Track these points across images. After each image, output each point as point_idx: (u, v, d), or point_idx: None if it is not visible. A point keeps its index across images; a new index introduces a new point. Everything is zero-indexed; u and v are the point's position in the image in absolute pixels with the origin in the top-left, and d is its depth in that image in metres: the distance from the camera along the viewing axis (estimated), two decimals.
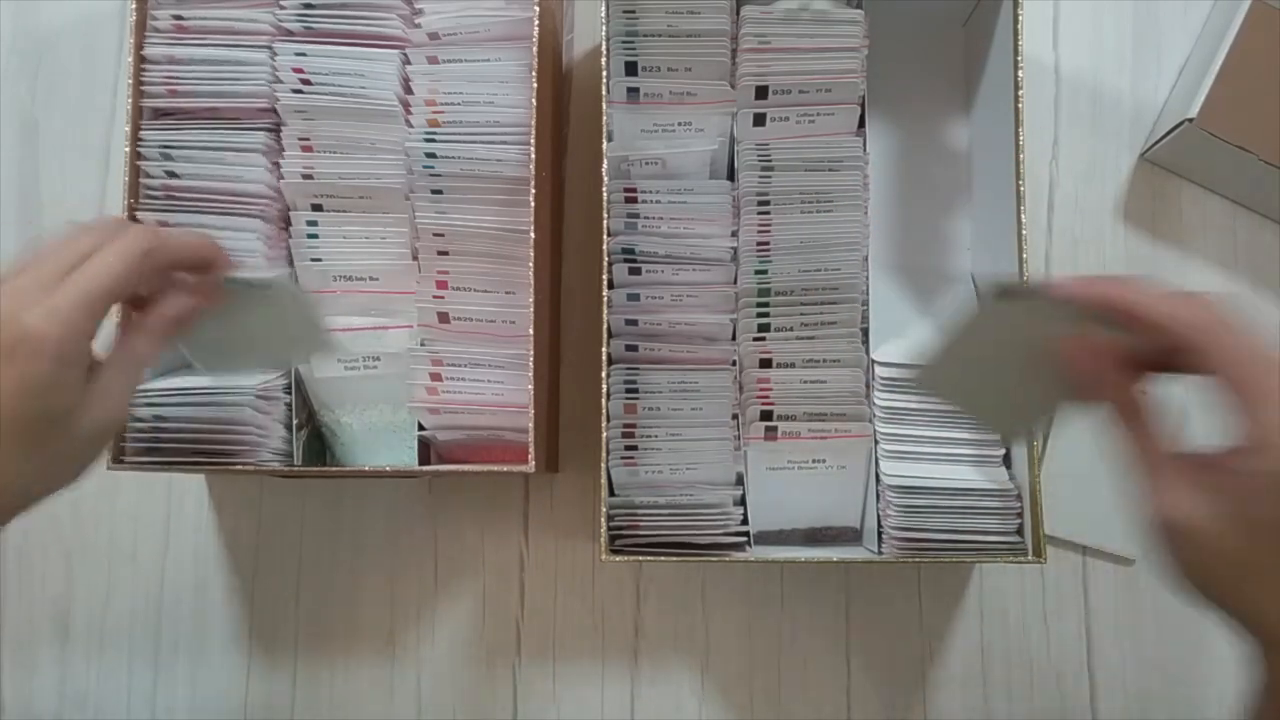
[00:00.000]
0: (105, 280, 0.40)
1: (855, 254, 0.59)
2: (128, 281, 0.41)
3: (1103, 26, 0.71)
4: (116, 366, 0.43)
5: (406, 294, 0.60)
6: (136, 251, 0.41)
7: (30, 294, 0.39)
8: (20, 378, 0.38)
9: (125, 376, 0.43)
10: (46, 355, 0.38)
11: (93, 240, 0.41)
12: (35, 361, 0.38)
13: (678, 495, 0.58)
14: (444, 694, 0.67)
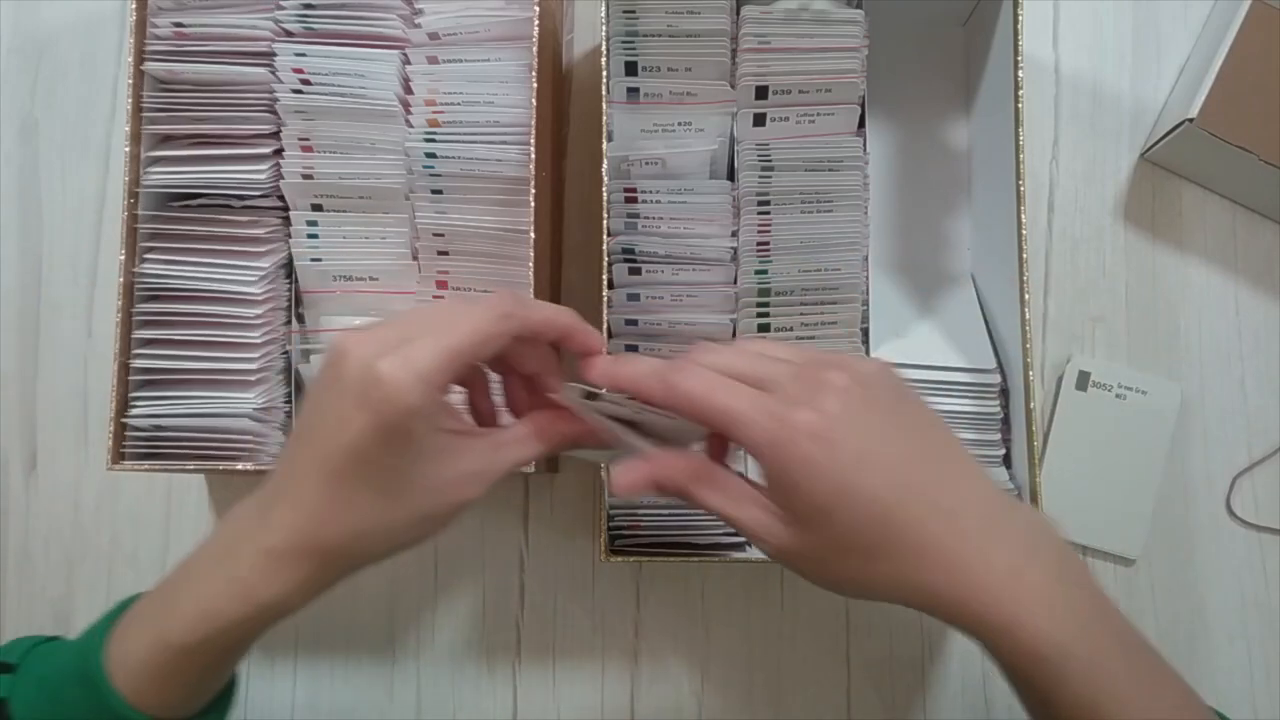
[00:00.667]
0: (462, 337, 0.38)
1: (855, 254, 0.59)
2: (485, 342, 0.39)
3: (1103, 26, 0.71)
4: (491, 449, 0.42)
5: (406, 294, 0.60)
6: (495, 314, 0.40)
7: (385, 343, 0.38)
8: (369, 422, 0.37)
9: (496, 463, 0.41)
10: (395, 403, 0.37)
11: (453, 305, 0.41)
12: (383, 408, 0.37)
13: None
14: (444, 694, 0.67)
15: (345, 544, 0.39)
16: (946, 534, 0.39)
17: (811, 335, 0.59)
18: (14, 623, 0.68)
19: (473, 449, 0.41)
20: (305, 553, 0.39)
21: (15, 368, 0.69)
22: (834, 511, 0.38)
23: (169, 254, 0.58)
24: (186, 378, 0.58)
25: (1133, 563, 0.67)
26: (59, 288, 0.70)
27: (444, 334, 0.38)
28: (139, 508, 0.68)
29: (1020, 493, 0.57)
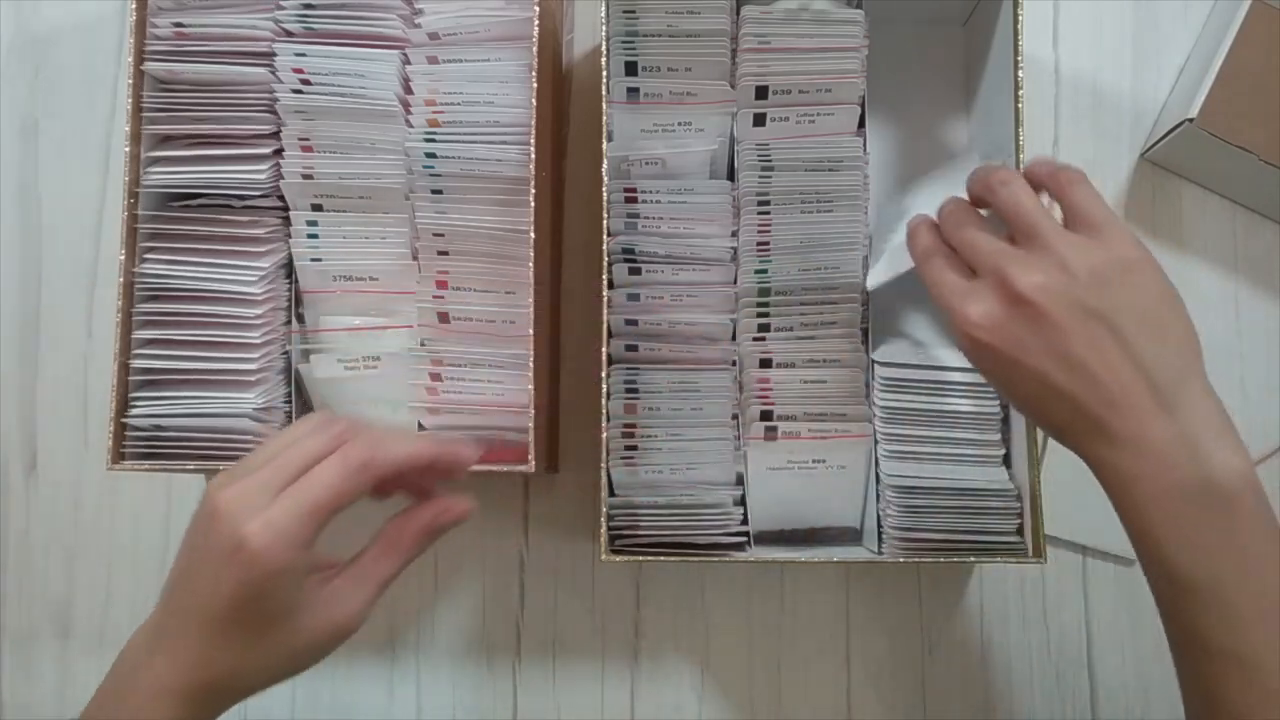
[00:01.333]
0: (323, 495, 0.41)
1: (855, 254, 0.59)
2: (346, 496, 0.42)
3: (1103, 26, 0.71)
4: (356, 578, 0.44)
5: (406, 294, 0.60)
6: (354, 465, 0.42)
7: (252, 500, 0.41)
8: (239, 582, 0.40)
9: (362, 589, 0.44)
10: (261, 565, 0.40)
11: (317, 446, 0.42)
12: (251, 569, 0.40)
13: (678, 495, 0.58)
14: (444, 694, 0.67)
15: (226, 682, 0.42)
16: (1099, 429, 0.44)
17: (811, 335, 0.59)
18: (14, 623, 0.68)
19: (339, 587, 0.44)
20: (188, 692, 0.42)
21: (15, 368, 0.69)
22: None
23: (169, 254, 0.58)
24: (186, 378, 0.58)
25: (1133, 563, 0.66)
26: (59, 288, 0.70)
27: (304, 493, 0.41)
28: (139, 508, 0.68)
29: (1020, 493, 0.57)
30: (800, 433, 0.59)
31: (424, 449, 0.45)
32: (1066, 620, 0.67)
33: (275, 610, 0.42)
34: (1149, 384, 0.42)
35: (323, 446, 0.43)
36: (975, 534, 0.57)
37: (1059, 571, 0.67)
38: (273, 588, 0.41)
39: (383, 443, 0.43)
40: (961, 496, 0.57)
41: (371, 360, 0.60)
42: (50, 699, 0.68)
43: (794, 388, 0.59)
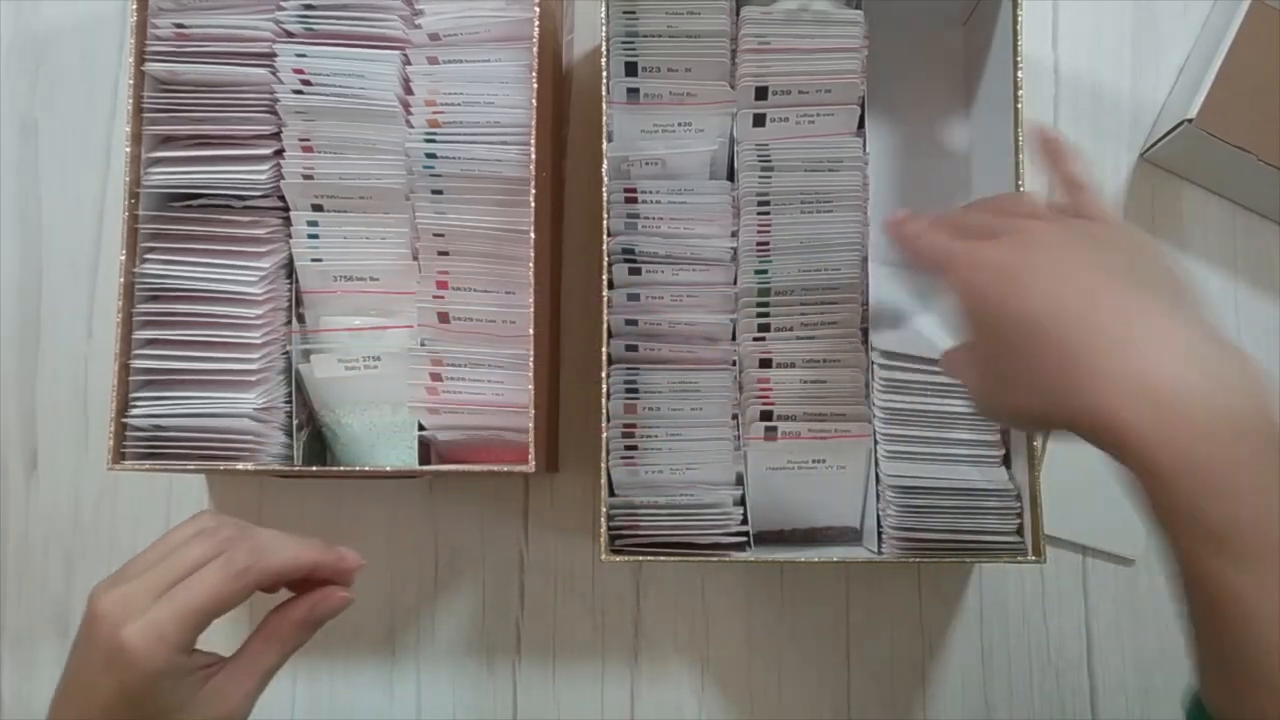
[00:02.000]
0: (204, 599, 0.41)
1: (855, 254, 0.59)
2: (226, 600, 0.42)
3: (1103, 26, 0.71)
4: (236, 673, 0.44)
5: (406, 294, 0.60)
6: (236, 570, 0.42)
7: (132, 604, 0.41)
8: (117, 685, 0.40)
9: (243, 682, 0.44)
10: (140, 668, 0.40)
11: (200, 551, 0.43)
12: (129, 671, 0.40)
13: (678, 495, 0.58)
14: (444, 694, 0.67)
15: None
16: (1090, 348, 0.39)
17: (811, 335, 0.59)
18: (14, 623, 0.68)
19: (220, 683, 0.43)
20: None
21: (15, 368, 0.69)
22: (985, 330, 0.43)
23: (169, 254, 0.58)
24: (187, 378, 0.58)
25: (1133, 563, 0.67)
26: (59, 288, 0.70)
27: (183, 596, 0.41)
28: (139, 508, 0.68)
29: (1020, 493, 0.57)
30: (800, 433, 0.59)
31: (305, 557, 0.45)
32: (1066, 620, 0.67)
33: (154, 713, 0.41)
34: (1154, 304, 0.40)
35: (205, 552, 0.43)
36: (975, 534, 0.57)
37: (1059, 571, 0.67)
38: (152, 690, 0.41)
39: (265, 550, 0.44)
40: (961, 496, 0.57)
41: (371, 360, 0.60)
42: (50, 699, 0.67)
43: (794, 388, 0.59)
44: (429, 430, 0.61)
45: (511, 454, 0.60)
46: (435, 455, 0.63)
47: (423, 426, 0.61)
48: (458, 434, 0.61)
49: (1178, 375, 0.37)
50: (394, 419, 0.61)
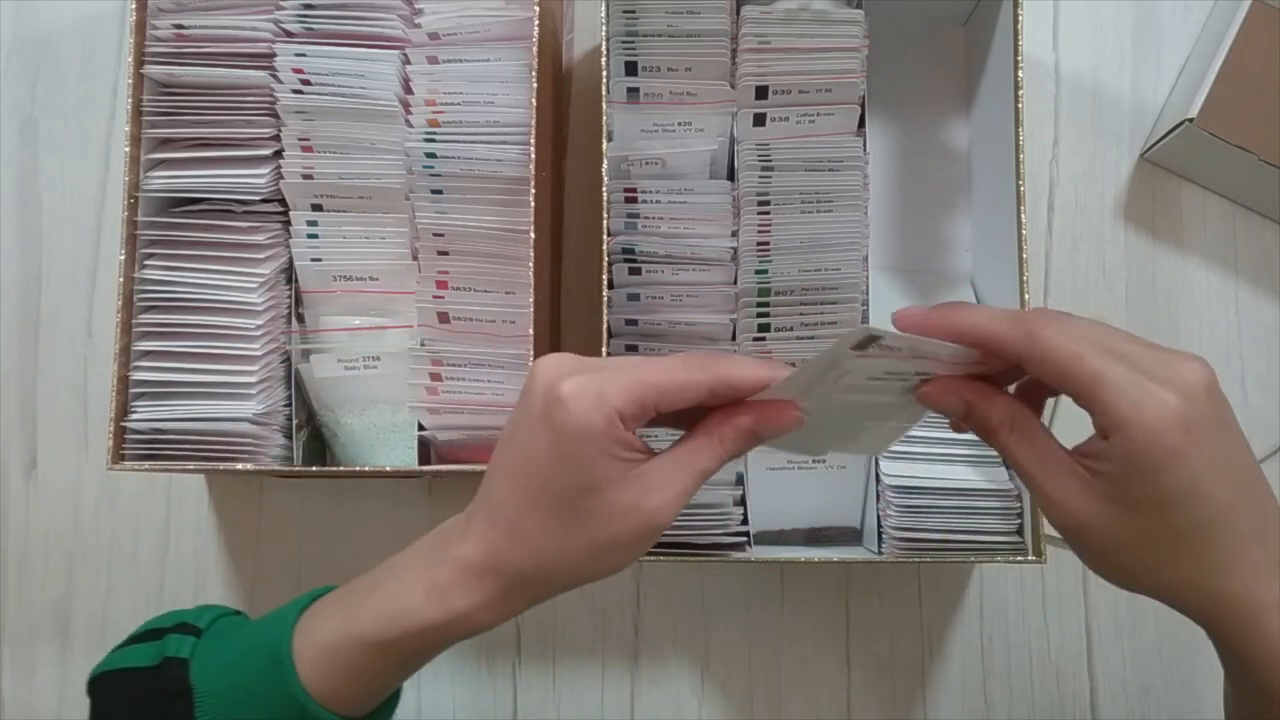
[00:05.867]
0: (654, 375, 0.38)
1: (855, 254, 0.59)
2: (680, 387, 0.39)
3: (1103, 26, 0.71)
4: (671, 464, 0.40)
5: (406, 294, 0.60)
6: (694, 363, 0.39)
7: (576, 368, 0.38)
8: (552, 438, 0.38)
9: (677, 478, 0.39)
10: (575, 423, 0.37)
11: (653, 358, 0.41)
12: (564, 425, 0.37)
13: None
14: (443, 694, 0.67)
15: (529, 570, 0.39)
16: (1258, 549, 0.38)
17: (811, 335, 0.59)
18: (14, 622, 0.68)
19: (654, 467, 0.39)
20: (494, 571, 0.39)
21: (15, 368, 0.69)
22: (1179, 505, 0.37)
23: (169, 260, 0.58)
24: (187, 390, 0.57)
25: None
26: (59, 288, 0.70)
27: (633, 366, 0.38)
28: (139, 508, 0.68)
29: (1020, 493, 0.57)
30: None
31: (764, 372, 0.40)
32: (1066, 620, 0.67)
33: (585, 479, 0.38)
34: None
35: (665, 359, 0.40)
36: (975, 534, 0.57)
37: (1059, 571, 0.67)
38: (584, 452, 0.37)
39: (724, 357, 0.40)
40: (961, 496, 0.57)
41: (371, 360, 0.60)
42: (50, 699, 0.68)
43: None
44: (429, 430, 0.61)
45: None
46: (435, 455, 0.63)
47: (423, 426, 0.61)
48: (458, 434, 0.61)
49: None
50: (394, 419, 0.61)
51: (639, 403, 0.38)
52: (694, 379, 0.39)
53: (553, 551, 0.39)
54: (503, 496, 0.40)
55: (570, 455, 0.38)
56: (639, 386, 0.38)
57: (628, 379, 0.38)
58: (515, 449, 0.40)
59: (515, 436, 0.40)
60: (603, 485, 0.38)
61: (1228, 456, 0.37)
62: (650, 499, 0.39)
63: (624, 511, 0.39)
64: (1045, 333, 0.37)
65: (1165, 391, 0.36)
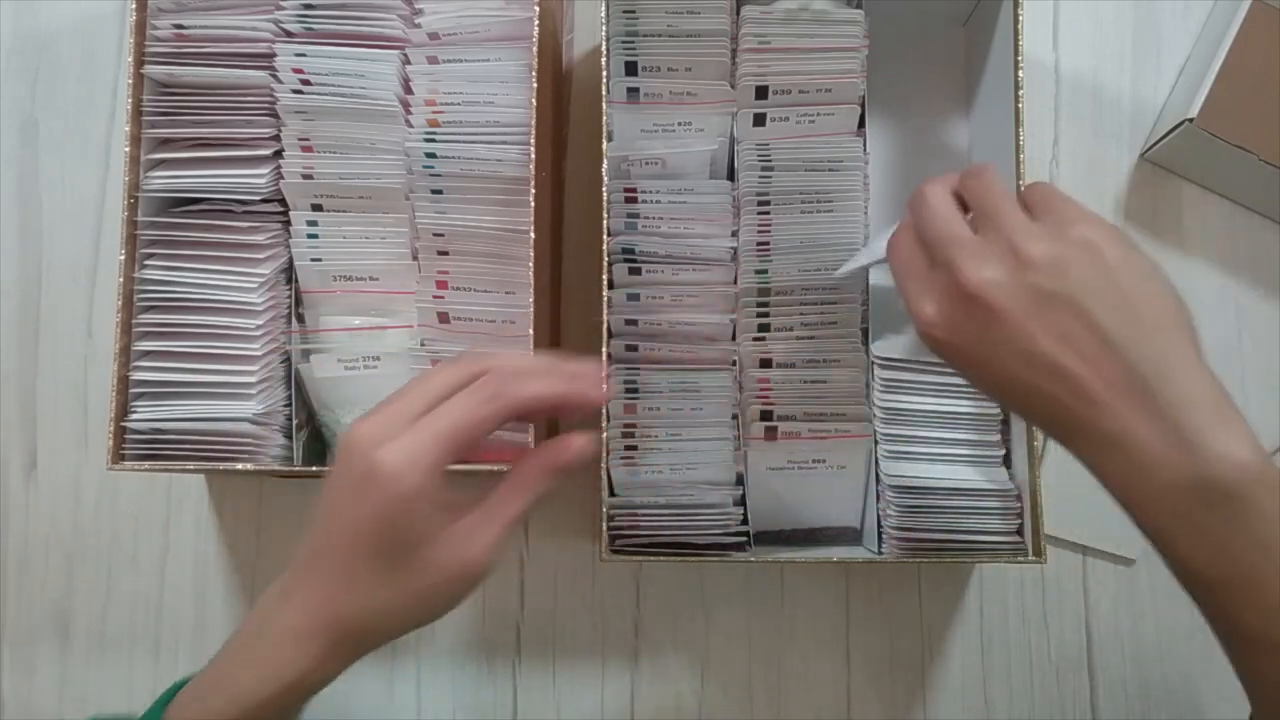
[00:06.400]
0: (455, 423, 0.41)
1: None
2: (479, 425, 0.41)
3: (1103, 26, 0.71)
4: (485, 514, 0.43)
5: (406, 294, 0.60)
6: (485, 396, 0.42)
7: (387, 429, 0.41)
8: (370, 507, 0.40)
9: (490, 528, 0.43)
10: (392, 490, 0.40)
11: (451, 379, 0.43)
12: (382, 493, 0.40)
13: (678, 495, 0.58)
14: (443, 694, 0.67)
15: (360, 621, 0.42)
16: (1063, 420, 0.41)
17: (811, 335, 0.59)
18: (14, 622, 0.68)
19: (467, 523, 0.43)
20: (323, 630, 0.42)
21: (15, 368, 0.69)
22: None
23: (169, 260, 0.58)
24: (187, 390, 0.57)
25: (1133, 563, 0.67)
26: (59, 288, 0.70)
27: (435, 420, 0.41)
28: (139, 508, 0.68)
29: (1020, 493, 0.57)
30: (800, 433, 0.59)
31: (553, 388, 0.43)
32: (1066, 620, 0.67)
33: (404, 540, 0.41)
34: (1126, 371, 0.39)
35: (457, 380, 0.42)
36: (975, 534, 0.57)
37: (1059, 571, 0.67)
38: (403, 514, 0.40)
39: (515, 378, 0.43)
40: (961, 496, 0.57)
41: (371, 360, 0.60)
42: (50, 699, 0.68)
43: (794, 388, 0.59)
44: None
45: (511, 454, 0.60)
46: None
47: None
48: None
49: None
50: None
51: (448, 455, 0.41)
52: (493, 411, 0.42)
53: (378, 607, 0.42)
54: (325, 560, 0.42)
55: (390, 518, 0.40)
56: (444, 439, 0.40)
57: (434, 435, 0.40)
58: (336, 516, 0.42)
59: (334, 503, 0.42)
60: (422, 542, 0.41)
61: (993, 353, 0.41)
62: (466, 551, 0.42)
63: (444, 564, 0.42)
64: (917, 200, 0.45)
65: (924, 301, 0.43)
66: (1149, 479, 0.39)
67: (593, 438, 0.45)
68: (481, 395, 0.42)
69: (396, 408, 0.41)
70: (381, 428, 0.41)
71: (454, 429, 0.41)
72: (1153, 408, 0.38)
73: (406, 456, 0.40)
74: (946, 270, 0.42)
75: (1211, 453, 0.37)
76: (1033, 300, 0.40)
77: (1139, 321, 0.39)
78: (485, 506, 0.43)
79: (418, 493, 0.40)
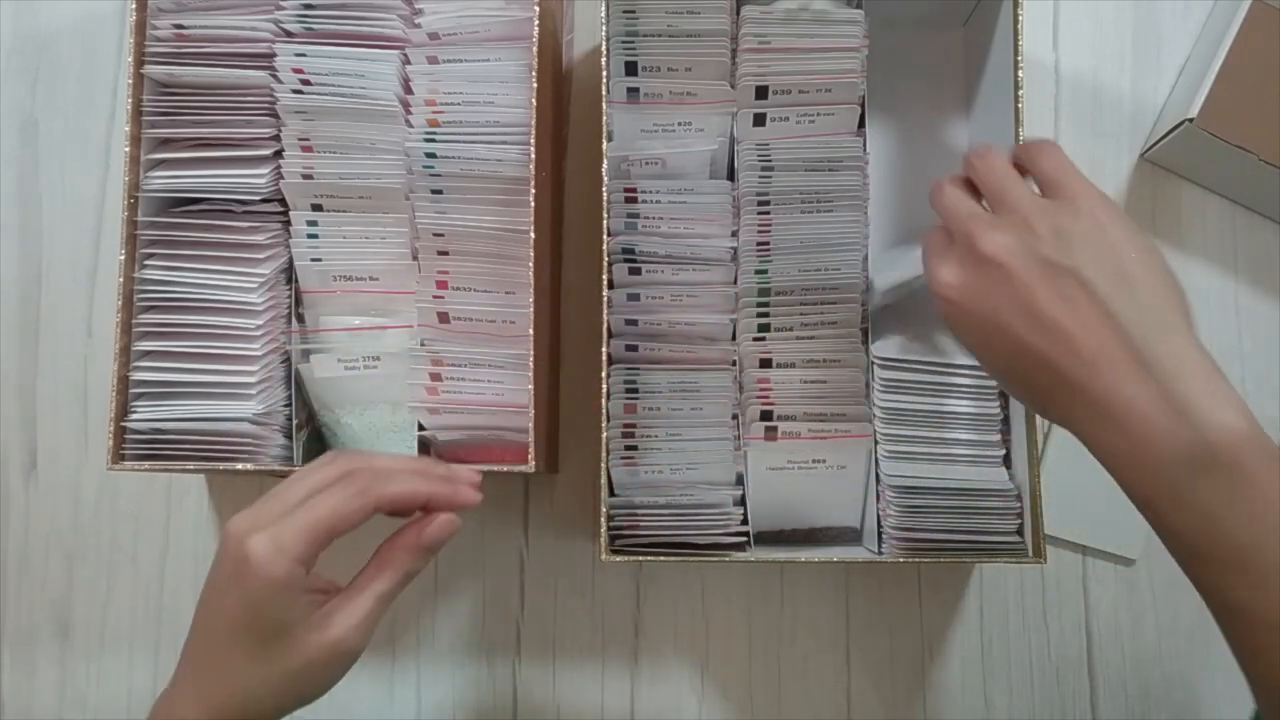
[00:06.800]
0: (323, 516, 0.44)
1: (855, 254, 0.59)
2: (346, 519, 0.44)
3: (1103, 26, 0.71)
4: (350, 597, 0.45)
5: (406, 294, 0.60)
6: (354, 491, 0.45)
7: (260, 520, 0.43)
8: (241, 594, 0.43)
9: (358, 606, 0.45)
10: (260, 576, 0.42)
11: (324, 477, 0.45)
12: (252, 580, 0.42)
13: (678, 495, 0.58)
14: (444, 694, 0.67)
15: (239, 706, 0.44)
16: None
17: (811, 335, 0.59)
18: (14, 622, 0.68)
19: (335, 604, 0.45)
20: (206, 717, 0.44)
21: (15, 368, 0.69)
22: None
23: (169, 260, 0.58)
24: (187, 390, 0.57)
25: (1133, 563, 0.67)
26: (59, 288, 0.70)
27: (304, 513, 0.44)
28: (139, 508, 0.68)
29: (1020, 493, 0.57)
30: (800, 433, 0.59)
31: (421, 489, 0.47)
32: (1066, 620, 0.67)
33: (274, 624, 0.43)
34: (1123, 339, 0.41)
35: (328, 477, 0.45)
36: (975, 534, 0.57)
37: (1059, 571, 0.67)
38: (271, 601, 0.43)
39: (384, 477, 0.46)
40: (961, 496, 0.57)
41: (371, 360, 0.60)
42: (50, 699, 0.68)
43: (794, 388, 0.59)
44: (429, 430, 0.61)
45: (511, 454, 0.60)
46: (435, 455, 0.63)
47: (423, 426, 0.61)
48: (458, 434, 0.61)
49: None
50: (394, 419, 0.61)
51: (314, 544, 0.43)
52: (360, 506, 0.44)
53: (254, 691, 0.44)
54: (202, 649, 0.45)
55: (259, 603, 0.43)
56: (310, 531, 0.43)
57: (301, 526, 0.43)
58: (211, 608, 0.45)
59: (210, 596, 0.45)
60: (291, 626, 0.44)
61: (1001, 315, 0.43)
62: (334, 631, 0.44)
63: (314, 646, 0.44)
64: (953, 181, 0.49)
65: (943, 268, 0.46)
66: (1144, 448, 0.40)
67: (454, 519, 0.47)
68: (349, 491, 0.45)
69: (273, 502, 0.44)
70: (255, 519, 0.44)
71: (319, 521, 0.43)
72: (1148, 377, 0.40)
73: (275, 545, 0.42)
74: (964, 239, 0.45)
75: (1205, 420, 0.39)
76: (1041, 267, 0.43)
77: (1136, 296, 0.42)
78: (352, 588, 0.46)
79: (285, 579, 0.43)
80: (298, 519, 0.43)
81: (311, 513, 0.44)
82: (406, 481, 0.46)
